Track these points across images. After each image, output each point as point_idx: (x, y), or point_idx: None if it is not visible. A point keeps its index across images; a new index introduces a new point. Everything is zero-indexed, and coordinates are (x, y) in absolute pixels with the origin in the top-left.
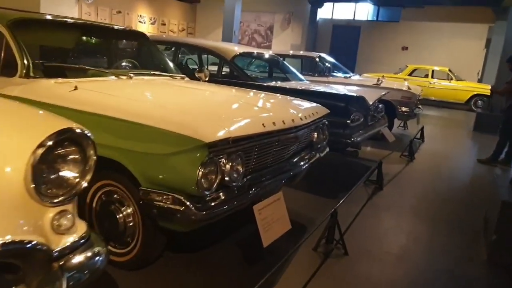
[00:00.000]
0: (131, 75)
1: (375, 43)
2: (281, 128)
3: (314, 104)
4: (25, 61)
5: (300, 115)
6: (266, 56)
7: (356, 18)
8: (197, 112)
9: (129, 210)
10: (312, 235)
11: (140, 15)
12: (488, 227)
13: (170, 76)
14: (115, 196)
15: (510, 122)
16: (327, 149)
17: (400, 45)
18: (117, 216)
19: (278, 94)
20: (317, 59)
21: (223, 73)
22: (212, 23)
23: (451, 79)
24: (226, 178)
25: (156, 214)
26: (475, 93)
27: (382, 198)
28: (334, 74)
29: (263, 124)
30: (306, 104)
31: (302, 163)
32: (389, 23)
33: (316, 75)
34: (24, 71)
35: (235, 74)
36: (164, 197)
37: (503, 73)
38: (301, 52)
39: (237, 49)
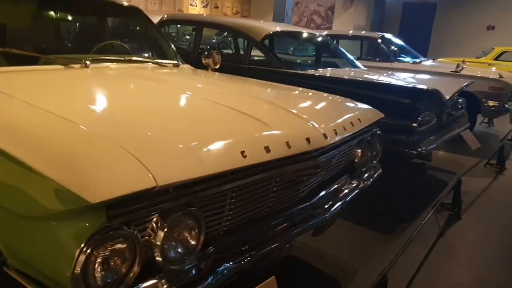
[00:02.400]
0: (87, 62)
1: (454, 22)
2: (283, 155)
3: (360, 105)
4: None
5: (323, 129)
6: (312, 37)
7: None
8: (127, 135)
9: None
10: None
11: None
12: None
13: (158, 64)
14: None
15: None
16: (380, 171)
17: (484, 24)
18: None
19: (305, 91)
20: (379, 41)
21: (256, 58)
22: (268, 6)
23: None
24: (158, 259)
25: None
26: None
27: (460, 232)
28: (401, 59)
29: (242, 152)
30: (344, 107)
31: (330, 204)
32: None
33: (377, 60)
34: None
35: (266, 59)
36: None
37: None
38: (362, 32)
39: (269, 27)
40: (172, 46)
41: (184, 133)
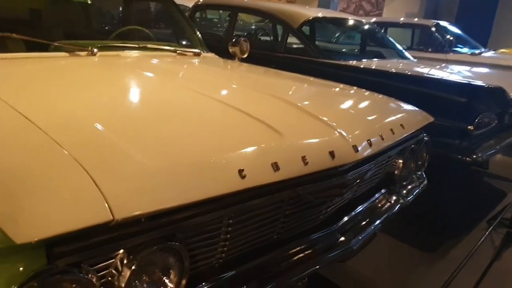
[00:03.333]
0: (95, 50)
1: None
2: (296, 174)
3: (405, 107)
4: None
5: (354, 139)
6: (356, 24)
7: None
8: (93, 145)
9: None
10: None
11: None
12: None
13: (177, 52)
14: None
15: None
16: (425, 183)
17: None
18: None
19: (339, 87)
20: (433, 29)
21: (294, 46)
22: None
23: None
24: None
25: None
26: None
27: None
28: (457, 49)
29: (240, 171)
30: (385, 109)
31: (360, 227)
32: None
33: (430, 50)
34: None
35: (303, 48)
36: None
37: None
38: (415, 20)
39: (308, 13)
40: (198, 33)
41: (168, 145)
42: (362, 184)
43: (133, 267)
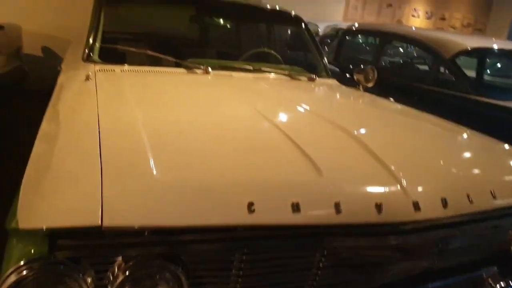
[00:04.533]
0: (209, 69)
1: None
2: (322, 222)
3: None
4: (90, 40)
5: (419, 192)
6: None
7: None
8: (126, 153)
9: None
10: None
11: (414, 9)
12: None
13: (291, 77)
14: None
15: None
16: None
17: None
18: None
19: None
20: None
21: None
22: (509, 17)
23: None
24: None
25: None
26: None
27: None
28: None
29: (250, 204)
30: (493, 162)
31: None
32: None
33: None
34: (85, 52)
35: (454, 81)
36: None
37: None
38: None
39: (465, 42)
40: (324, 58)
41: (191, 164)
42: (447, 253)
43: (128, 276)
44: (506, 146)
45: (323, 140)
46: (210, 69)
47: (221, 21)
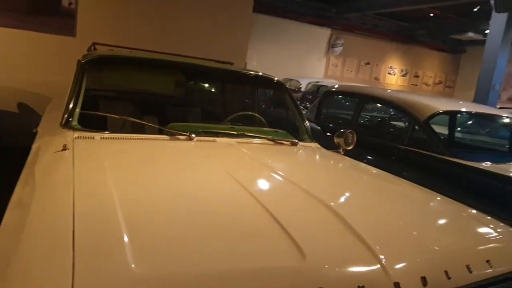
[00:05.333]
0: (193, 135)
1: None
2: None
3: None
4: (70, 106)
5: (396, 272)
6: (500, 119)
7: None
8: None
9: None
10: None
11: (390, 67)
12: None
13: (274, 141)
14: None
15: None
16: None
17: None
18: None
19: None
20: None
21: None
22: (476, 77)
23: None
24: None
25: None
26: None
27: None
28: None
29: None
30: (474, 232)
31: None
32: None
33: None
34: (64, 118)
35: (428, 142)
36: None
37: None
38: None
39: (438, 105)
40: (306, 122)
41: (167, 253)
42: None
43: None
44: (474, 211)
45: (305, 217)
46: (193, 135)
47: (206, 85)
